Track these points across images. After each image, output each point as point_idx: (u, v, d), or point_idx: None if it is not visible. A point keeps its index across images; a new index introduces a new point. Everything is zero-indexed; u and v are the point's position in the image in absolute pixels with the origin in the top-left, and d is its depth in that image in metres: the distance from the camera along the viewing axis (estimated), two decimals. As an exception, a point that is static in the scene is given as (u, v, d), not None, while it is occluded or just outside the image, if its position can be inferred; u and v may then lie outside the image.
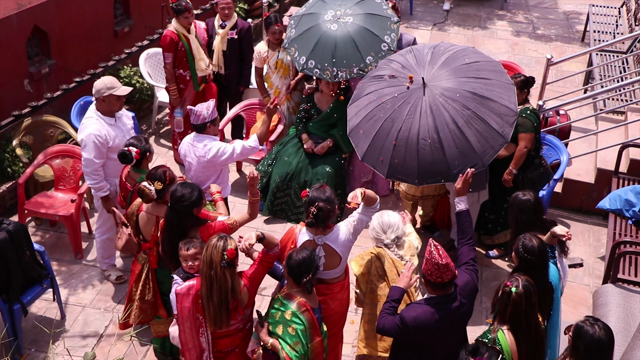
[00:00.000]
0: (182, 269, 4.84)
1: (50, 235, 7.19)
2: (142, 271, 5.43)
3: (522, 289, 4.24)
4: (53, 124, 7.66)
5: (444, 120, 5.62)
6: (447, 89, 5.76)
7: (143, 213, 5.33)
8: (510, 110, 5.69)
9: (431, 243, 4.38)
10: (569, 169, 7.73)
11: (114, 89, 5.97)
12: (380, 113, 5.89)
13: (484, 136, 5.58)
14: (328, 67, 6.95)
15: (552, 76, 9.44)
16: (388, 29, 6.99)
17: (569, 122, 7.90)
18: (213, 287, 4.43)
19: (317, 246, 4.85)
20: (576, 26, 12.59)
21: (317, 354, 4.61)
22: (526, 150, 6.41)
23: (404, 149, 5.71)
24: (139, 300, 5.42)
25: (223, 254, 4.41)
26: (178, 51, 7.60)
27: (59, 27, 8.32)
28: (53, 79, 8.33)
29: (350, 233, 4.90)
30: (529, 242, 4.65)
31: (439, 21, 12.75)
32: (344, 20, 7.04)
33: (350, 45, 6.90)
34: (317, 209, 4.73)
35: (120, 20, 9.49)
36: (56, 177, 7.09)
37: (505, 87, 5.83)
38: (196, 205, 4.92)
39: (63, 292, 6.37)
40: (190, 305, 4.57)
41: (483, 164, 5.59)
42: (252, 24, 8.78)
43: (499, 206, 6.80)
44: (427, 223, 7.35)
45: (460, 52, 6.09)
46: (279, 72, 7.78)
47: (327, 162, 7.28)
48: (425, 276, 4.38)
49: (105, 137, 5.94)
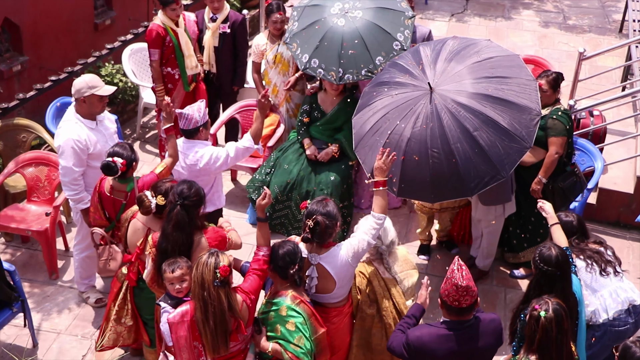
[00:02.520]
0: (167, 294, 4.84)
1: (22, 253, 7.20)
2: (120, 290, 5.46)
3: (552, 312, 4.20)
4: (25, 128, 7.68)
5: (454, 130, 5.60)
6: (456, 93, 5.74)
7: (135, 220, 5.33)
8: (532, 110, 5.65)
9: (456, 261, 4.39)
10: (605, 177, 7.71)
11: (96, 88, 5.96)
12: (385, 125, 5.89)
13: (501, 144, 5.56)
14: (333, 68, 6.95)
15: (585, 72, 9.45)
16: (401, 25, 6.97)
17: (605, 124, 7.89)
18: (208, 310, 4.42)
19: (310, 266, 4.86)
20: (613, 15, 12.60)
21: (323, 347, 4.68)
22: (557, 156, 6.38)
23: (414, 164, 5.70)
24: (114, 321, 5.45)
25: (215, 272, 4.39)
26: (165, 47, 7.60)
27: (33, 20, 8.38)
28: (26, 77, 8.38)
29: (349, 257, 4.85)
30: (546, 250, 4.66)
31: (457, 11, 12.77)
32: (352, 15, 7.02)
33: (359, 44, 6.88)
34: (314, 223, 4.74)
35: (101, 12, 9.55)
36: (29, 187, 7.10)
37: (525, 84, 5.80)
38: (202, 203, 5.04)
39: (35, 317, 6.37)
40: (186, 334, 4.56)
41: (503, 175, 5.57)
42: (248, 16, 8.80)
43: (526, 219, 6.78)
44: (443, 239, 7.35)
45: (472, 48, 6.08)
46: (277, 67, 7.79)
47: (332, 170, 7.28)
48: (442, 296, 4.38)
49: (85, 143, 5.94)
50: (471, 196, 5.71)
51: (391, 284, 5.19)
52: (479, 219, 6.60)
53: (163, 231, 4.96)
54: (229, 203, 7.90)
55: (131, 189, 5.56)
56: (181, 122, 5.93)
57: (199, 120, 5.90)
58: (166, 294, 4.87)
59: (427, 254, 7.24)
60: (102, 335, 5.55)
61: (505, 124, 5.58)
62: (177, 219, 4.89)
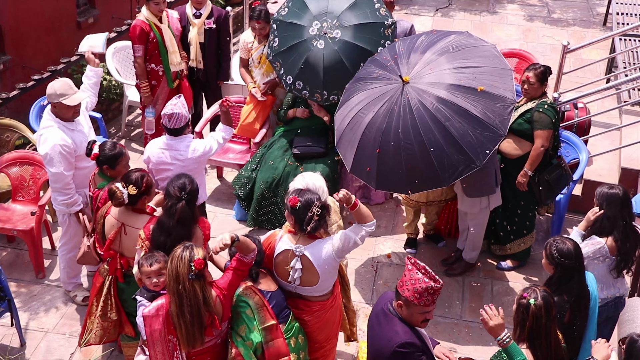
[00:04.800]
0: (145, 288, 4.89)
1: (7, 253, 7.23)
2: (104, 285, 5.49)
3: (541, 300, 4.28)
4: (9, 127, 7.70)
5: (426, 121, 5.70)
6: (428, 84, 5.84)
7: (110, 217, 5.40)
8: (505, 99, 5.73)
9: (408, 262, 4.34)
10: (589, 169, 7.81)
11: (64, 97, 5.89)
12: (360, 119, 6.00)
13: (474, 133, 5.64)
14: (317, 90, 7.03)
15: (569, 65, 9.54)
16: (382, 38, 6.95)
17: (589, 117, 7.99)
18: (183, 304, 4.46)
19: (294, 257, 4.91)
20: (597, 8, 12.73)
21: (274, 337, 4.74)
22: (543, 149, 6.45)
23: (388, 156, 5.81)
24: (100, 317, 5.49)
25: (190, 266, 4.43)
26: (149, 43, 7.62)
27: (15, 19, 8.39)
28: (8, 76, 8.40)
29: (334, 251, 4.90)
30: (562, 245, 4.75)
31: (442, 6, 12.87)
32: (331, 36, 6.97)
33: (341, 66, 6.89)
34: (320, 208, 4.80)
35: (83, 10, 9.57)
36: (14, 187, 7.12)
37: (499, 73, 5.89)
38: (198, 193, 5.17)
39: (22, 316, 6.39)
40: (161, 327, 4.59)
41: (477, 164, 5.65)
42: (232, 13, 8.84)
43: (513, 212, 6.85)
44: (430, 232, 7.42)
45: (445, 40, 6.19)
46: (262, 67, 7.81)
47: (318, 166, 7.33)
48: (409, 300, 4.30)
49: (72, 146, 5.94)
50: (447, 186, 5.79)
51: None
52: (465, 211, 6.69)
53: (162, 226, 4.98)
54: (215, 200, 7.96)
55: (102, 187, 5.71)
56: (172, 122, 5.97)
57: (186, 116, 6.02)
58: (143, 288, 4.91)
59: (414, 248, 7.31)
60: (87, 331, 5.57)
61: (478, 113, 5.66)
62: (181, 214, 4.94)
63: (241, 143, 8.24)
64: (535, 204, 6.82)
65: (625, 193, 5.37)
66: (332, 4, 7.10)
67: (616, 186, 5.43)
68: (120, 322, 5.53)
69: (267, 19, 7.59)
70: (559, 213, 7.27)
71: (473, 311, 6.59)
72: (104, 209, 5.49)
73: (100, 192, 5.70)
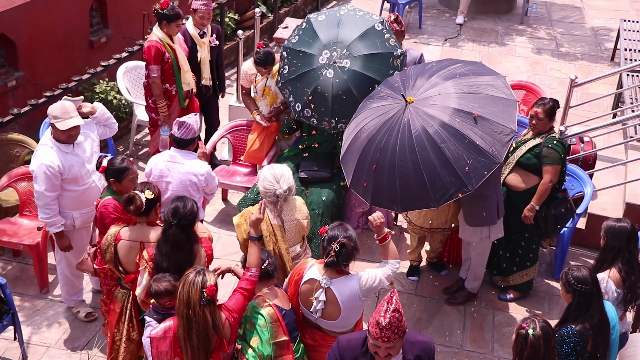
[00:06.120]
0: (153, 310, 4.94)
1: (13, 267, 7.30)
2: (125, 308, 5.49)
3: (539, 330, 4.34)
4: (19, 143, 7.80)
5: (422, 141, 5.79)
6: (430, 106, 5.95)
7: (123, 241, 5.33)
8: (505, 128, 5.80)
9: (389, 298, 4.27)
10: (594, 203, 7.85)
11: (57, 120, 5.91)
12: (362, 135, 6.12)
13: (469, 157, 5.71)
14: (325, 118, 7.12)
15: (576, 99, 9.63)
16: (390, 68, 7.04)
17: (595, 150, 8.06)
18: (192, 328, 4.48)
19: (320, 288, 4.94)
20: (605, 43, 12.83)
21: (284, 354, 4.77)
22: (551, 184, 6.51)
23: (384, 173, 5.91)
24: (126, 341, 5.47)
25: (202, 292, 4.45)
26: (164, 63, 7.68)
27: (28, 36, 8.50)
28: (20, 93, 8.49)
29: (361, 289, 4.94)
30: (578, 272, 4.81)
31: (451, 36, 12.99)
32: (340, 65, 7.05)
33: (349, 96, 6.97)
34: (340, 245, 4.85)
35: (96, 29, 9.68)
36: (21, 201, 7.20)
37: (503, 102, 5.98)
38: (196, 218, 5.14)
39: (25, 331, 6.45)
40: (167, 349, 4.63)
41: (469, 188, 5.71)
42: (243, 36, 8.97)
43: (516, 244, 6.90)
44: (433, 260, 7.47)
45: (456, 66, 6.31)
46: (265, 98, 7.90)
47: (324, 191, 7.38)
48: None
49: (58, 168, 5.96)
50: (437, 207, 5.83)
51: (277, 230, 5.64)
52: (465, 240, 6.75)
53: (160, 250, 5.01)
54: (220, 221, 8.03)
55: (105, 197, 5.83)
56: (180, 131, 6.07)
57: (196, 132, 6.12)
58: (152, 309, 4.95)
59: (417, 275, 7.36)
60: (117, 356, 5.54)
61: (475, 139, 5.73)
62: (174, 240, 4.96)
63: (247, 166, 8.32)
64: (539, 236, 6.87)
65: (633, 227, 5.44)
66: (342, 33, 7.20)
67: (624, 220, 5.49)
68: (140, 341, 5.45)
69: (272, 63, 7.63)
70: (562, 246, 7.32)
71: (474, 341, 6.64)
72: (110, 237, 5.38)
73: (101, 201, 5.74)
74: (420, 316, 6.89)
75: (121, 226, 5.43)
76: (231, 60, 10.83)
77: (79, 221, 6.26)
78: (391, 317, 4.12)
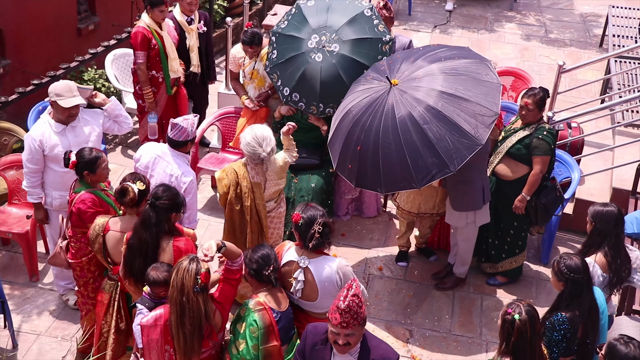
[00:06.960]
0: (146, 297, 4.96)
1: (2, 255, 7.30)
2: (113, 299, 5.48)
3: (525, 314, 4.38)
4: (7, 131, 7.79)
5: (405, 122, 5.86)
6: (414, 89, 6.01)
7: (112, 232, 5.31)
8: (488, 110, 5.86)
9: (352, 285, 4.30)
10: (581, 188, 7.92)
11: (60, 97, 5.97)
12: (347, 117, 6.18)
13: (451, 138, 5.77)
14: (313, 102, 7.14)
15: (564, 85, 9.65)
16: (379, 54, 7.06)
17: (582, 136, 8.11)
18: (185, 315, 4.51)
19: (298, 268, 4.99)
20: (594, 30, 12.88)
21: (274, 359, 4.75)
22: (541, 175, 6.56)
23: (368, 154, 5.98)
24: (115, 332, 5.46)
25: (196, 279, 4.47)
26: (151, 50, 7.68)
27: (16, 24, 8.48)
28: (8, 81, 8.48)
29: (339, 274, 4.96)
30: (570, 260, 4.85)
31: (440, 23, 13.01)
32: (329, 49, 7.08)
33: (337, 80, 7.00)
34: (322, 226, 4.90)
35: (84, 16, 9.66)
36: (10, 190, 7.20)
37: (487, 85, 6.03)
38: (177, 209, 5.10)
39: (15, 319, 6.46)
40: (158, 337, 4.65)
41: (451, 169, 5.76)
42: (232, 24, 8.97)
43: (505, 231, 6.95)
44: (422, 245, 7.51)
45: (440, 51, 6.36)
46: (253, 82, 7.89)
47: (313, 177, 7.40)
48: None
49: (41, 144, 6.03)
50: (419, 188, 5.89)
51: (256, 187, 6.06)
52: (451, 224, 6.81)
53: (134, 227, 5.08)
54: (209, 208, 8.05)
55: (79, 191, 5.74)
56: (173, 131, 6.00)
57: (189, 135, 6.02)
58: (144, 297, 4.97)
59: (406, 261, 7.40)
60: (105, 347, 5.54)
61: (457, 120, 5.79)
62: (143, 216, 5.02)
63: (236, 153, 8.33)
64: (527, 224, 6.93)
65: (620, 211, 5.48)
66: (331, 18, 7.22)
67: (611, 204, 5.54)
68: (128, 332, 5.48)
69: (259, 43, 7.60)
70: (550, 231, 7.38)
71: (462, 325, 6.69)
72: (98, 228, 5.35)
73: (76, 196, 5.64)
74: (409, 301, 6.94)
75: (109, 217, 5.43)
76: (220, 48, 10.82)
77: (57, 202, 6.26)
78: (350, 301, 4.17)
